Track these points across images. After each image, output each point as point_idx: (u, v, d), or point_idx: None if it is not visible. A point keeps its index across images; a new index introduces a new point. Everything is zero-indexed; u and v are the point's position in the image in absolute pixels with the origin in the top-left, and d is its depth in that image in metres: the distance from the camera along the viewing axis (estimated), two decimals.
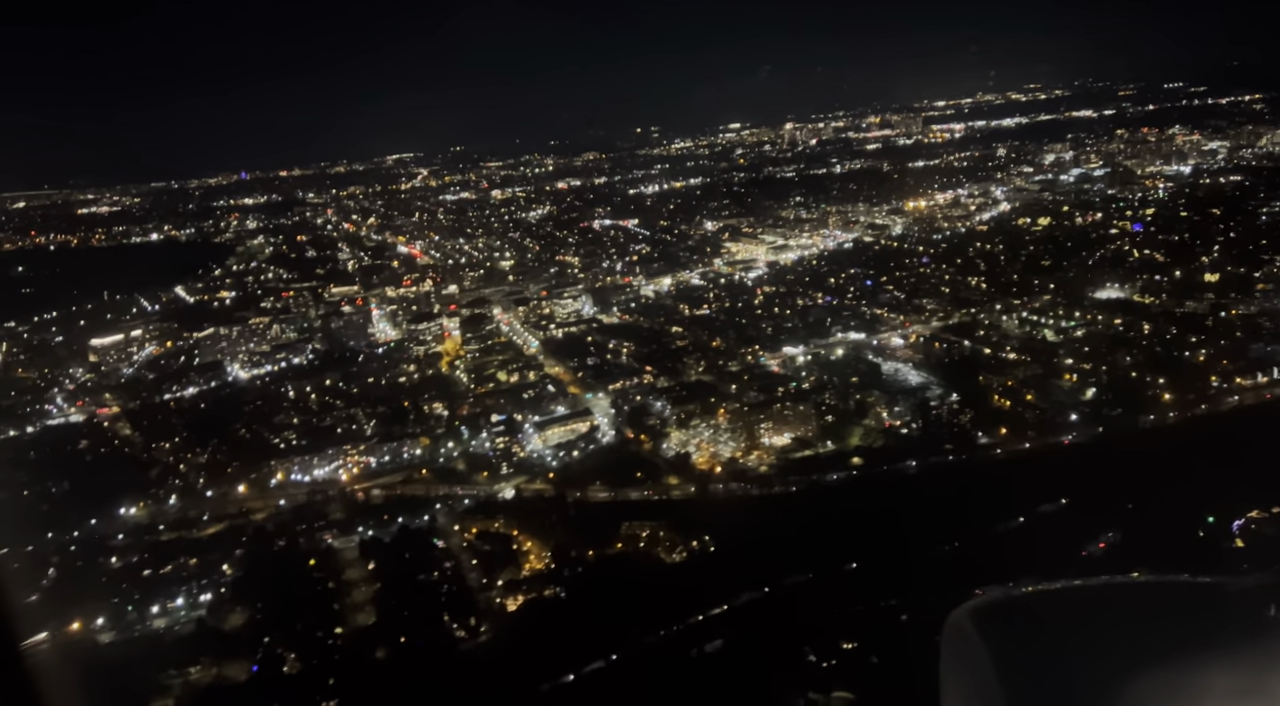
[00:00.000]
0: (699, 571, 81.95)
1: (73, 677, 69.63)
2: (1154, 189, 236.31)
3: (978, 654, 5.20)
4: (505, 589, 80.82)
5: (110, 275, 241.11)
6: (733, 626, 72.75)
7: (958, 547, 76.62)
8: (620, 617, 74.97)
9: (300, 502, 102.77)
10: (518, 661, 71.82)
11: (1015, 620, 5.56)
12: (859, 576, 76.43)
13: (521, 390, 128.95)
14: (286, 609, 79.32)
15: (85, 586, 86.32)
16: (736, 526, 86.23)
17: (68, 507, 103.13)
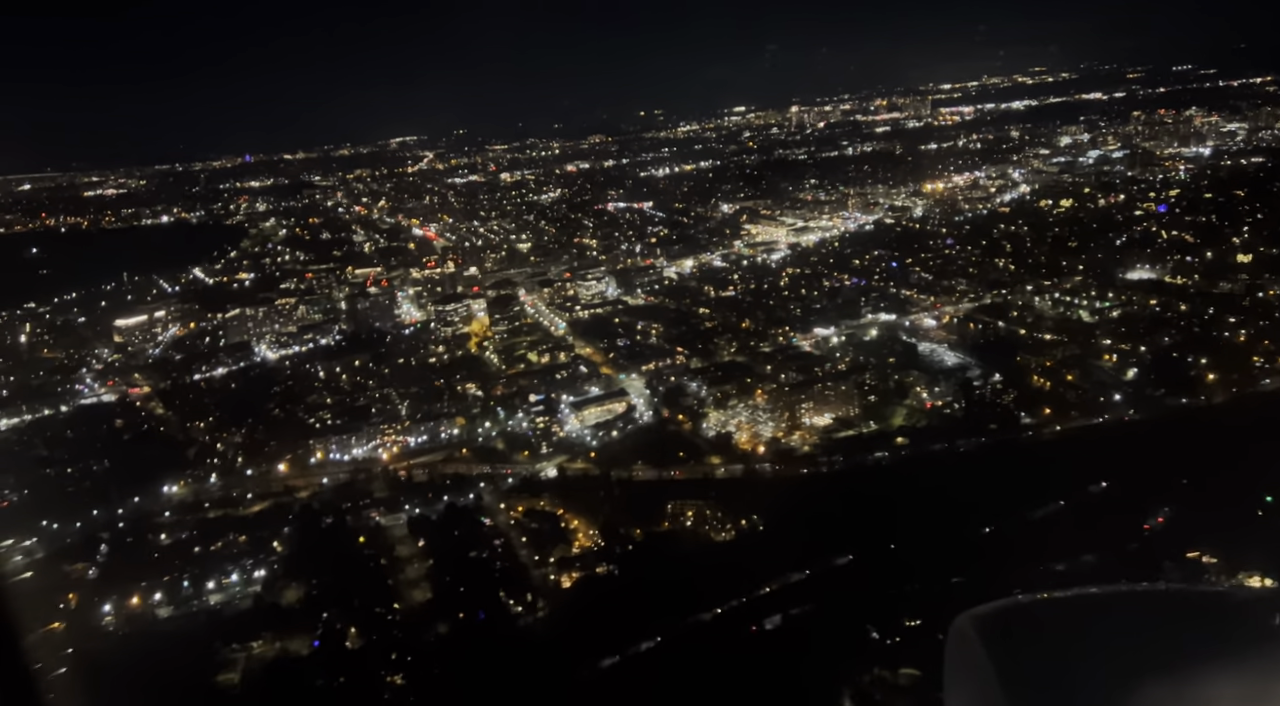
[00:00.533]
0: (749, 549, 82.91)
1: (139, 651, 71.18)
2: (1174, 170, 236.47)
3: (981, 662, 5.16)
4: (558, 566, 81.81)
5: (125, 257, 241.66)
6: (789, 603, 73.69)
7: (1007, 528, 77.38)
8: (673, 595, 75.94)
9: (343, 481, 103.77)
10: (575, 636, 72.96)
11: (1020, 628, 5.50)
12: (910, 555, 77.00)
13: (554, 371, 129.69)
14: (342, 585, 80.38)
15: (137, 562, 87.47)
16: (784, 505, 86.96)
17: (110, 485, 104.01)
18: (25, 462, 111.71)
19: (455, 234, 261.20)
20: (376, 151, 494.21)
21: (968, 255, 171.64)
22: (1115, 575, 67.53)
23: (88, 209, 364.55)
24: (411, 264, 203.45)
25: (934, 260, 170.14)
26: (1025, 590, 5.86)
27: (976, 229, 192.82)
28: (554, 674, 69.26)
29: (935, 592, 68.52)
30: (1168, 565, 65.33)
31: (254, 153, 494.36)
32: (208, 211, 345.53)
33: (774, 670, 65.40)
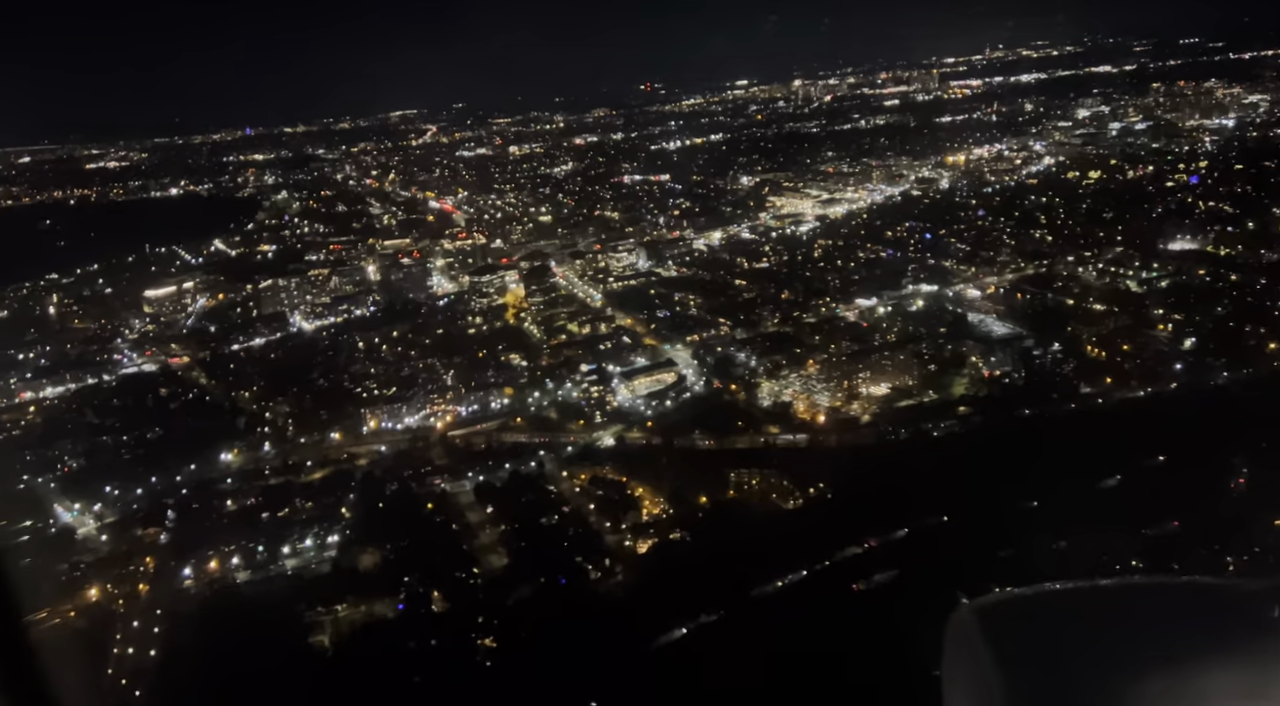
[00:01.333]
0: (820, 517, 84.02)
1: (226, 613, 72.50)
2: (1200, 142, 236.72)
3: (981, 653, 5.20)
4: (632, 532, 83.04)
5: (141, 229, 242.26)
6: (869, 570, 74.91)
7: (1083, 494, 78.46)
8: (748, 561, 77.19)
9: (401, 449, 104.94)
10: (654, 602, 74.29)
11: (1020, 619, 5.53)
12: (986, 523, 77.89)
13: (597, 342, 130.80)
14: (418, 550, 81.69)
15: (206, 528, 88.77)
16: (851, 474, 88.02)
17: (167, 453, 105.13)
18: (79, 430, 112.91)
19: (473, 207, 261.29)
20: (377, 124, 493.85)
21: (1002, 226, 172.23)
22: (1204, 539, 69.05)
23: (92, 181, 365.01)
24: (432, 236, 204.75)
25: (968, 231, 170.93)
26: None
27: (1007, 200, 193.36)
28: (637, 638, 70.82)
29: (1020, 560, 69.86)
30: None
31: (254, 126, 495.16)
32: (216, 184, 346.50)
33: (861, 635, 66.59)
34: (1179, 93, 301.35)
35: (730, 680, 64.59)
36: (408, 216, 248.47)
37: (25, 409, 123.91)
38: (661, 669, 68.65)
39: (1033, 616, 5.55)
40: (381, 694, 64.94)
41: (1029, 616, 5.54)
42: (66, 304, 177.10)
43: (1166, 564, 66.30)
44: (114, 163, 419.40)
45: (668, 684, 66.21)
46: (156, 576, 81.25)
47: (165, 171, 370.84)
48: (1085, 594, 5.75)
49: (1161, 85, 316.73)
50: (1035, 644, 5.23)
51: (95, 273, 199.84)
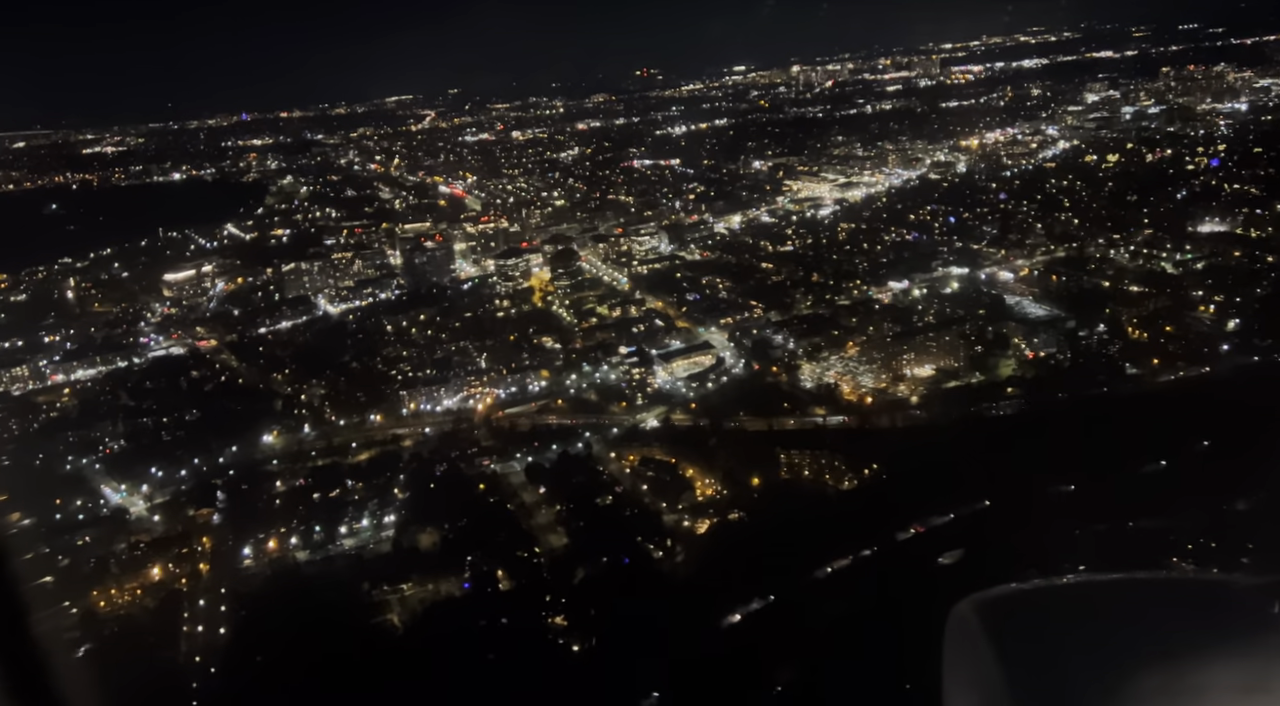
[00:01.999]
0: (876, 498, 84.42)
1: (291, 592, 72.99)
2: (1215, 126, 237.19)
3: (982, 648, 5.24)
4: (690, 512, 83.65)
5: (150, 213, 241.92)
6: (932, 549, 75.46)
7: (1141, 473, 79.17)
8: (807, 541, 77.71)
9: (446, 430, 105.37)
10: (719, 580, 74.86)
11: (1020, 614, 5.57)
12: (1042, 504, 78.05)
13: (629, 324, 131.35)
14: (477, 529, 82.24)
15: (258, 508, 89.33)
16: (902, 455, 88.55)
17: (207, 434, 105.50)
18: (115, 412, 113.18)
19: (484, 191, 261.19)
20: (374, 110, 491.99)
21: (1027, 210, 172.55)
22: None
23: (92, 166, 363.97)
24: (448, 220, 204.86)
25: (992, 215, 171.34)
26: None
27: (1027, 184, 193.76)
28: (704, 618, 71.51)
29: (1087, 540, 70.17)
30: None
31: (249, 111, 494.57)
32: (218, 169, 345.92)
33: (930, 614, 67.12)
34: (1189, 77, 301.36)
35: (796, 660, 65.60)
36: (419, 201, 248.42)
37: (59, 391, 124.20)
38: (729, 648, 69.44)
39: (1032, 610, 5.63)
40: (456, 672, 65.45)
41: (1029, 610, 5.62)
42: (84, 287, 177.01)
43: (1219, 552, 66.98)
44: (110, 148, 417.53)
45: (736, 664, 66.96)
46: (216, 556, 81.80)
47: (165, 156, 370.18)
48: (1085, 588, 5.86)
49: (1171, 69, 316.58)
50: (1035, 638, 5.30)
51: (110, 256, 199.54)
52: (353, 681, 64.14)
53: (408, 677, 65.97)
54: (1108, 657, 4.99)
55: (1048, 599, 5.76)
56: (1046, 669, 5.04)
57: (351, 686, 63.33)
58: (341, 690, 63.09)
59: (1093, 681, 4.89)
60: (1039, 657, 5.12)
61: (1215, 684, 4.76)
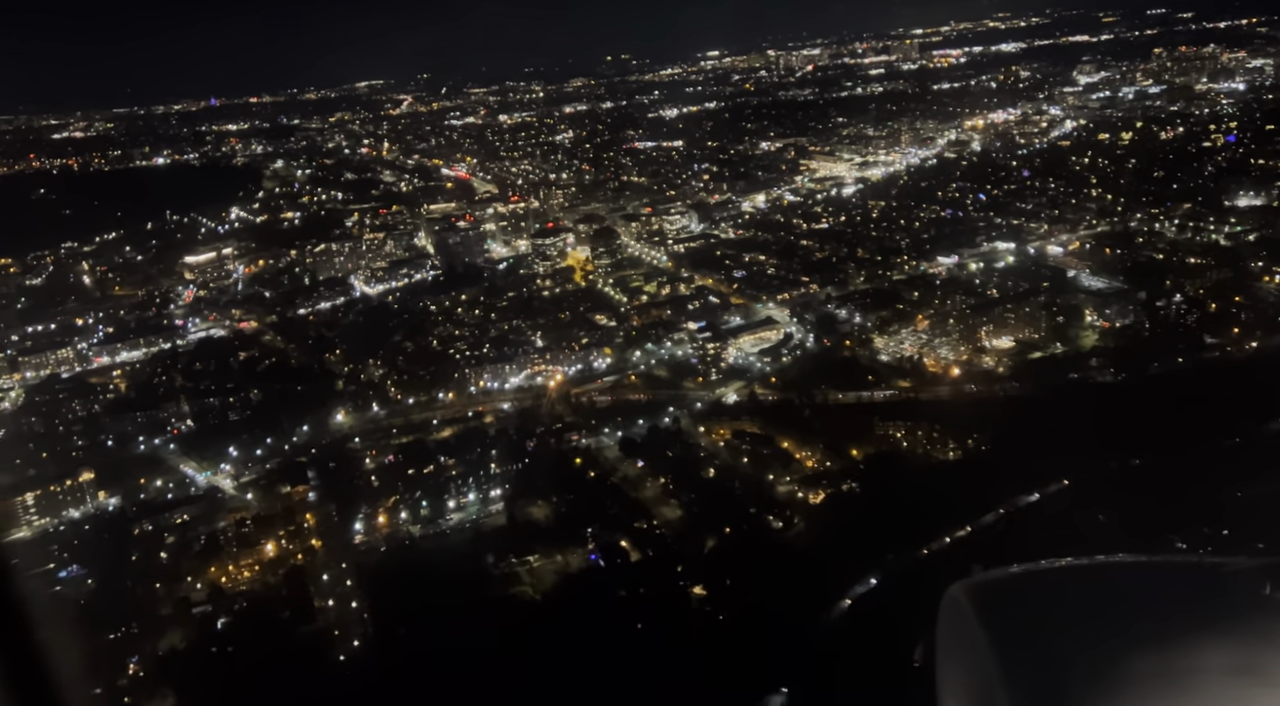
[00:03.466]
0: (982, 467, 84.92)
1: (417, 565, 72.76)
2: (1218, 104, 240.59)
3: (973, 631, 5.36)
4: (801, 484, 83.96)
5: (147, 197, 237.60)
6: (1059, 514, 75.95)
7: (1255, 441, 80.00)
8: (923, 510, 78.11)
9: (524, 407, 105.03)
10: (842, 550, 75.19)
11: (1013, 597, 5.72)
12: (1162, 472, 78.25)
13: (685, 301, 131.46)
14: (587, 502, 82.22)
15: (352, 484, 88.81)
16: (1002, 425, 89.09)
17: (274, 414, 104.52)
18: (175, 392, 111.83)
19: (488, 174, 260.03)
20: (345, 95, 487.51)
21: (1055, 187, 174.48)
22: None
23: (66, 150, 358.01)
24: (458, 202, 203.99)
25: (1022, 191, 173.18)
26: None
27: (1048, 161, 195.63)
28: (833, 586, 72.02)
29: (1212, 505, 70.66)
30: None
31: (217, 96, 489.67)
32: (201, 154, 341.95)
33: None
34: (1184, 58, 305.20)
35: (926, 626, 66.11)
36: (425, 184, 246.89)
37: (108, 373, 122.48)
38: (859, 617, 69.98)
39: (1024, 594, 5.78)
40: (604, 640, 65.49)
41: (1021, 594, 5.77)
42: (100, 271, 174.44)
43: None
44: (79, 133, 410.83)
45: (865, 632, 67.54)
46: (325, 532, 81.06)
47: (141, 141, 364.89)
48: (1076, 572, 5.97)
49: (1164, 50, 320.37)
50: (1027, 621, 5.42)
51: (118, 240, 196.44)
52: (504, 652, 64.10)
53: (556, 646, 66.02)
54: (1099, 640, 5.09)
55: (1040, 582, 5.88)
56: (1038, 651, 5.16)
57: (503, 656, 63.29)
58: (493, 660, 62.95)
59: (1084, 663, 4.99)
60: (1031, 640, 5.24)
61: (1206, 665, 4.88)
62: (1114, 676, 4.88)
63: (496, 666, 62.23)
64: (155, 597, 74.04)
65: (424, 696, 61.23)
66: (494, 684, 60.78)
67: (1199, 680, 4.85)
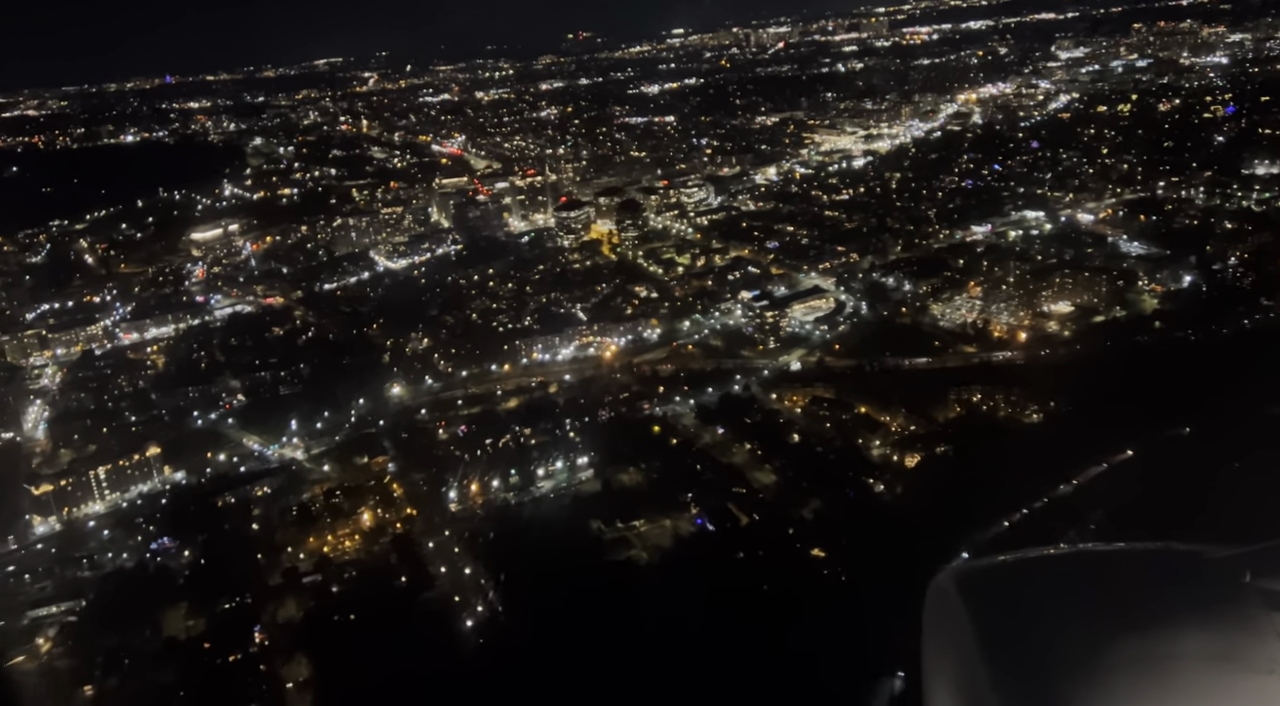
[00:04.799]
0: (1069, 429, 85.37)
1: (520, 532, 72.54)
2: (1206, 77, 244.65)
3: (959, 619, 5.42)
4: (895, 447, 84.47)
5: (128, 175, 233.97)
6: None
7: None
8: (1018, 472, 78.77)
9: (585, 377, 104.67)
10: (947, 510, 75.65)
11: (998, 585, 5.77)
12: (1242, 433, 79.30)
13: (724, 272, 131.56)
14: (677, 468, 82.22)
15: (430, 454, 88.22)
16: (1077, 388, 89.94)
17: (325, 388, 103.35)
18: (217, 367, 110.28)
19: (480, 149, 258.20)
20: (306, 73, 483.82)
21: (1069, 157, 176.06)
22: None
23: (24, 128, 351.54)
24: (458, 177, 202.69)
25: (1037, 162, 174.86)
26: None
27: (1054, 133, 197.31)
28: (943, 547, 72.56)
29: None
30: None
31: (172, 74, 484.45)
32: (172, 131, 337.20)
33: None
34: (1163, 33, 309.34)
35: None
36: (419, 160, 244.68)
37: (142, 349, 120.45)
38: None
39: (1009, 582, 5.82)
40: (729, 602, 65.63)
41: (1006, 582, 5.83)
42: (100, 249, 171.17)
43: None
44: (33, 111, 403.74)
45: None
46: (417, 501, 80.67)
47: (103, 119, 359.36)
48: (1060, 560, 6.15)
49: (1143, 26, 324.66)
50: (1012, 609, 5.48)
51: (111, 217, 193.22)
52: (630, 615, 64.06)
53: (681, 609, 66.07)
54: (1081, 627, 5.20)
55: (1024, 570, 5.97)
56: (1022, 638, 5.26)
57: (630, 620, 63.23)
58: (620, 624, 62.88)
59: (1067, 650, 5.09)
60: (1016, 628, 5.33)
61: (1186, 652, 5.02)
62: (1095, 663, 5.03)
63: (624, 630, 62.29)
64: (259, 568, 73.16)
65: (559, 660, 61.06)
66: (624, 647, 60.81)
67: (1178, 666, 5.01)
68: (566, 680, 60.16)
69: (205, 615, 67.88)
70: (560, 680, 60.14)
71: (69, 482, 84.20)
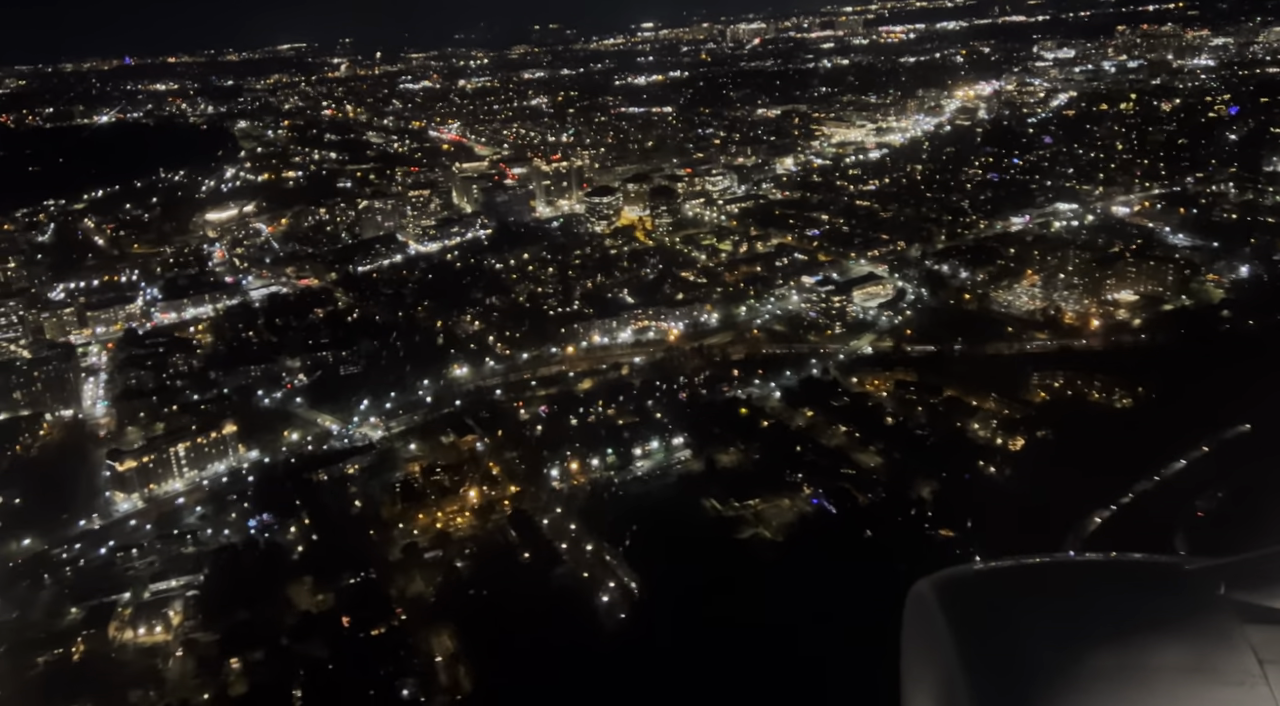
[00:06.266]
0: (1164, 413, 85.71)
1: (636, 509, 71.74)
2: (1198, 78, 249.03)
3: (938, 626, 5.46)
4: (995, 431, 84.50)
5: (117, 155, 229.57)
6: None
7: None
8: (1124, 453, 79.11)
9: (656, 359, 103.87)
10: (1060, 492, 75.68)
11: (976, 594, 5.81)
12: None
13: (770, 258, 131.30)
14: (778, 449, 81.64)
15: (517, 434, 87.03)
16: (1159, 374, 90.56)
17: (386, 369, 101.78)
18: (267, 347, 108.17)
19: (478, 136, 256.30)
20: (270, 57, 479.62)
21: (1086, 152, 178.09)
22: None
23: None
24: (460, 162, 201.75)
25: (1057, 156, 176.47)
26: None
27: (1064, 128, 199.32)
28: (1066, 523, 72.92)
29: None
30: None
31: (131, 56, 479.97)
32: (148, 112, 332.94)
33: None
34: (1147, 35, 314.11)
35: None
36: (420, 145, 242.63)
37: (184, 328, 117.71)
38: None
39: (988, 591, 5.88)
40: (864, 582, 65.16)
41: (985, 591, 5.88)
42: (108, 229, 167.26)
43: None
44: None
45: None
46: (517, 478, 79.54)
47: (70, 99, 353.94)
48: (1039, 570, 6.10)
49: (1127, 28, 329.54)
50: (991, 618, 5.54)
51: (111, 197, 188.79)
52: (769, 592, 63.42)
53: (818, 587, 65.55)
54: (1060, 636, 5.27)
55: (1003, 579, 6.01)
56: (1000, 647, 5.32)
57: (772, 597, 62.63)
58: (762, 601, 62.23)
59: (1044, 659, 5.17)
60: (993, 637, 5.39)
61: (1161, 663, 5.12)
62: (1072, 672, 5.07)
63: (764, 608, 61.71)
64: (370, 544, 71.67)
65: (703, 638, 60.31)
66: (766, 627, 60.26)
67: (1154, 677, 5.07)
68: (712, 658, 59.59)
69: (333, 590, 66.41)
70: (706, 658, 59.57)
71: (150, 459, 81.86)
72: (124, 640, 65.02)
